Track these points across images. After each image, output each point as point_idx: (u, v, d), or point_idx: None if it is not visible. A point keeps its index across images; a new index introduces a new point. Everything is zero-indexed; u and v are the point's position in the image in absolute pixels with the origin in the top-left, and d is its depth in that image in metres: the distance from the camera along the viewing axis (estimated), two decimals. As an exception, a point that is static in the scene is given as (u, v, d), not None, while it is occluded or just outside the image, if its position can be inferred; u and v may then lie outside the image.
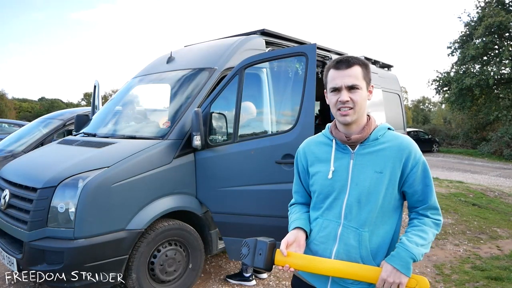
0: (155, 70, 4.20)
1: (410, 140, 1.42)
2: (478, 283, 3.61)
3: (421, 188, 1.39)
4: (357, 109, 1.37)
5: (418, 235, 1.36)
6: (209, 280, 3.62)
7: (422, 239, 1.35)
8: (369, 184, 1.36)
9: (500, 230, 5.44)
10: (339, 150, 1.45)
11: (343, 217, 1.40)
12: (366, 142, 1.41)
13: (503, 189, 9.39)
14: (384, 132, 1.44)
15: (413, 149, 1.39)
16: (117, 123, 3.87)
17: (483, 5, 21.69)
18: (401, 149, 1.38)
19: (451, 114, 29.56)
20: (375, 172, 1.37)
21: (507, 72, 20.50)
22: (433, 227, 1.39)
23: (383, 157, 1.38)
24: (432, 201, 1.40)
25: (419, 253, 1.32)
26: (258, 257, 1.39)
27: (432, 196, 1.40)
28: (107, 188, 2.69)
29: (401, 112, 6.52)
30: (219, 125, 3.25)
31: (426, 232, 1.37)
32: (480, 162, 17.77)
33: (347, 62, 1.38)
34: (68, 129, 5.58)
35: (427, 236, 1.36)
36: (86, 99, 56.42)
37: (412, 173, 1.37)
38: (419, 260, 1.33)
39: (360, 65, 1.39)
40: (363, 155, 1.40)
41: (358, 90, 1.37)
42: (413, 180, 1.38)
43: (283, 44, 4.10)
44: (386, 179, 1.36)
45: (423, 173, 1.39)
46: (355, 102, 1.36)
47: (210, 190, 3.20)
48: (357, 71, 1.38)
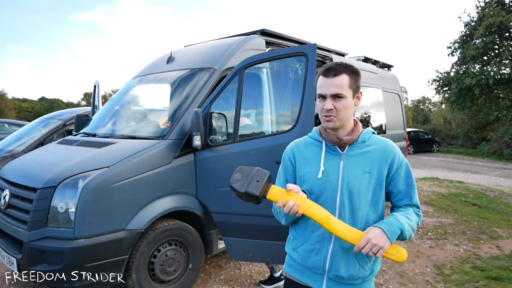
0: (155, 70, 4.20)
1: (393, 143, 1.52)
2: (478, 283, 3.61)
3: (405, 188, 1.48)
4: (339, 116, 1.43)
5: (405, 215, 1.44)
6: (209, 280, 3.62)
7: (408, 219, 1.43)
8: (359, 183, 1.43)
9: (500, 230, 5.44)
10: (329, 151, 1.49)
11: (338, 215, 1.43)
12: (355, 144, 1.48)
13: (503, 189, 9.38)
14: (369, 136, 1.51)
15: (397, 152, 1.48)
16: (117, 123, 3.87)
17: (483, 5, 21.68)
18: (386, 152, 1.47)
19: (451, 114, 29.56)
20: (364, 172, 1.44)
21: (507, 72, 20.50)
22: (416, 216, 1.48)
23: (371, 158, 1.45)
24: (415, 199, 1.50)
25: (408, 228, 1.39)
26: (255, 183, 1.36)
27: (415, 194, 1.50)
28: (107, 188, 2.69)
29: (401, 112, 6.52)
30: (219, 125, 3.25)
31: (411, 215, 1.45)
32: (480, 162, 17.76)
33: (334, 70, 1.42)
34: (68, 129, 5.58)
35: (412, 219, 1.44)
36: (86, 99, 56.42)
37: (397, 173, 1.47)
38: (405, 235, 1.39)
39: (348, 73, 1.43)
40: (352, 156, 1.46)
41: (342, 99, 1.42)
42: (398, 180, 1.47)
43: (283, 44, 4.10)
44: (374, 179, 1.44)
45: (407, 173, 1.49)
46: (338, 111, 1.42)
47: (210, 190, 3.20)
48: (343, 80, 1.42)
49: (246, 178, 1.38)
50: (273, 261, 3.25)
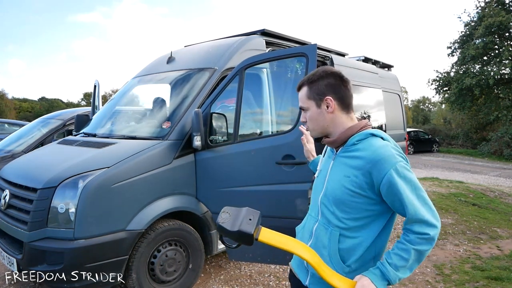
0: (155, 70, 4.20)
1: (382, 152, 1.33)
2: (478, 283, 3.61)
3: (396, 202, 1.32)
4: (312, 126, 1.50)
5: (399, 255, 1.31)
6: (209, 280, 3.62)
7: (403, 260, 1.30)
8: (337, 185, 1.41)
9: (500, 230, 5.44)
10: (329, 152, 1.58)
11: (320, 214, 1.47)
12: (346, 146, 1.45)
13: (503, 189, 9.38)
14: (363, 138, 1.41)
15: (380, 162, 1.31)
16: (117, 123, 3.87)
17: (483, 5, 21.68)
18: (368, 161, 1.34)
19: (451, 114, 29.53)
20: (344, 175, 1.40)
21: (507, 72, 20.49)
22: (419, 244, 1.30)
23: (353, 163, 1.38)
24: (412, 213, 1.29)
25: (395, 278, 1.31)
26: (248, 222, 1.28)
27: (408, 208, 1.29)
28: (107, 188, 2.69)
29: (401, 112, 6.51)
30: (219, 126, 3.25)
31: (409, 252, 1.30)
32: (480, 162, 17.76)
33: (298, 86, 1.52)
34: (68, 129, 5.58)
35: (409, 257, 1.30)
36: (86, 99, 56.36)
37: (381, 186, 1.32)
38: (393, 284, 1.33)
39: (306, 84, 1.48)
40: (340, 158, 1.47)
41: (307, 111, 1.49)
42: (385, 193, 1.33)
43: (283, 44, 4.10)
44: (351, 184, 1.36)
45: (391, 187, 1.30)
46: (308, 121, 1.51)
47: (211, 191, 3.20)
48: (303, 93, 1.49)
49: (236, 217, 1.29)
50: (273, 262, 3.25)
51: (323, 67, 1.51)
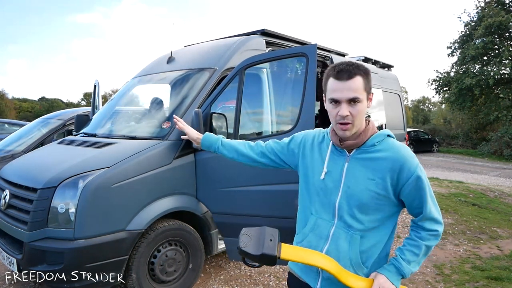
0: (155, 70, 4.19)
1: (406, 151, 1.37)
2: (478, 283, 3.61)
3: (417, 201, 1.37)
4: (356, 123, 1.35)
5: (411, 250, 1.40)
6: (209, 280, 3.62)
7: (415, 255, 1.39)
8: (360, 188, 1.36)
9: (500, 230, 5.44)
10: (335, 152, 1.44)
11: (337, 217, 1.40)
12: (363, 147, 1.39)
13: (503, 189, 9.39)
14: (382, 139, 1.39)
15: (407, 161, 1.34)
16: (117, 123, 3.87)
17: (483, 5, 21.70)
18: (395, 160, 1.34)
19: (451, 114, 29.56)
20: (368, 178, 1.35)
21: (507, 72, 20.51)
22: (429, 240, 1.40)
23: (377, 165, 1.35)
24: (428, 212, 1.37)
25: (408, 272, 1.39)
26: (269, 243, 1.25)
27: (427, 207, 1.36)
28: (107, 188, 2.69)
29: (401, 112, 6.51)
30: (219, 126, 3.25)
31: (420, 247, 1.39)
32: (480, 162, 17.77)
33: (348, 72, 1.31)
34: (68, 129, 5.58)
35: (419, 252, 1.39)
36: (86, 99, 56.35)
37: (406, 185, 1.34)
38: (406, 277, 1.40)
39: (361, 74, 1.33)
40: (358, 160, 1.39)
41: (358, 104, 1.32)
42: (408, 192, 1.35)
43: (283, 44, 4.10)
44: (377, 187, 1.35)
45: (417, 185, 1.34)
46: (354, 116, 1.33)
47: (211, 191, 3.19)
48: (359, 83, 1.32)
49: (257, 240, 1.27)
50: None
51: (356, 62, 1.39)
